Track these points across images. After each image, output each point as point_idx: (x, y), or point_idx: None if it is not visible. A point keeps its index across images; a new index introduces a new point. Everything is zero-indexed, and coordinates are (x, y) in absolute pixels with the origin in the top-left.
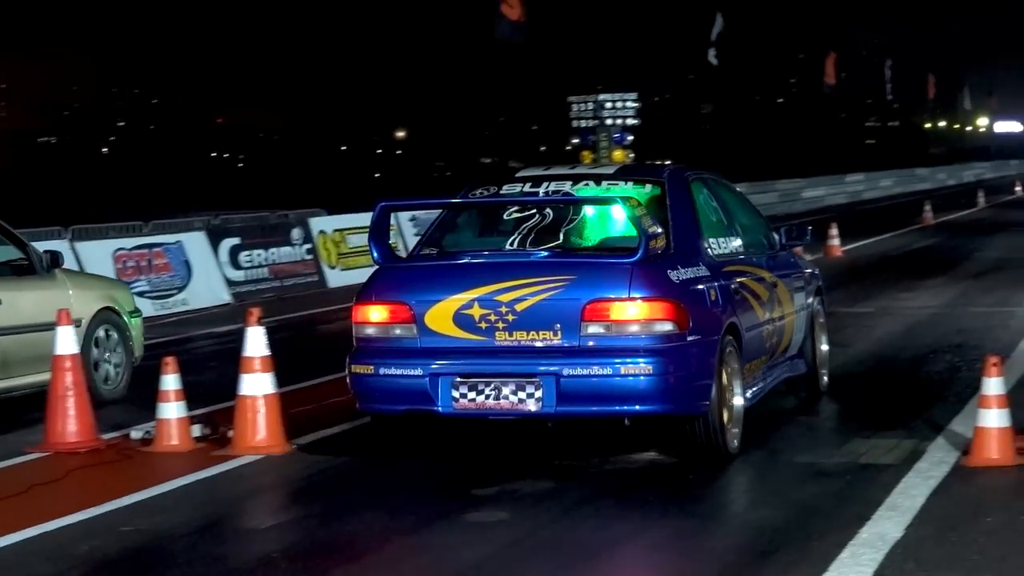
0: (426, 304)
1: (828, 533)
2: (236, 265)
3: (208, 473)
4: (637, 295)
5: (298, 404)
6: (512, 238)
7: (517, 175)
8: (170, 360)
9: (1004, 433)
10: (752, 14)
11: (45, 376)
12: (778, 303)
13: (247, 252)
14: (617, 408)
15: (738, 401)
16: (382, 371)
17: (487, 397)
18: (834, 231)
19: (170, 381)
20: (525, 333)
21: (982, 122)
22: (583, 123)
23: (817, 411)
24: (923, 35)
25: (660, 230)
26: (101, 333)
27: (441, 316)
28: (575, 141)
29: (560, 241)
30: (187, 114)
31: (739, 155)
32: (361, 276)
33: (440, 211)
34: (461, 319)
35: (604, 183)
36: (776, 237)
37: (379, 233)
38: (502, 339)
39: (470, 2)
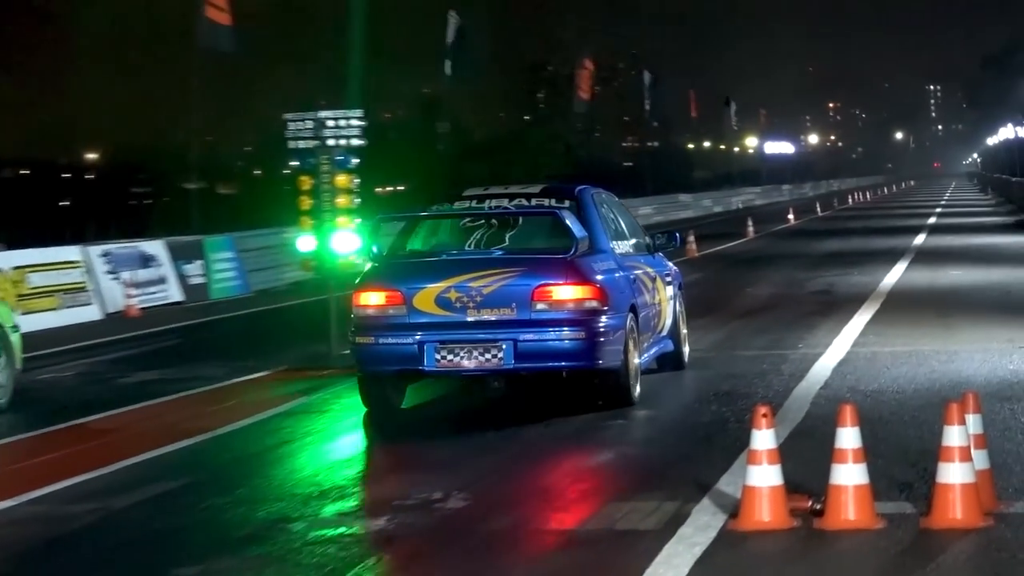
0: (414, 290)
1: None
2: None
3: None
4: (571, 281)
5: None
6: (469, 241)
7: (464, 195)
8: None
9: (775, 492)
10: (495, 23)
11: None
12: (658, 293)
13: None
14: (556, 363)
15: (636, 361)
16: (380, 341)
17: (461, 358)
18: None
19: None
20: (490, 310)
21: (751, 142)
22: (301, 144)
23: (567, 471)
24: (687, 49)
25: (586, 234)
26: None
27: (426, 299)
28: (294, 164)
29: (507, 243)
30: None
31: (480, 179)
32: (49, 321)
33: (405, 221)
34: (441, 300)
35: (533, 200)
36: (650, 241)
37: (376, 238)
38: (472, 315)
39: (170, 5)
